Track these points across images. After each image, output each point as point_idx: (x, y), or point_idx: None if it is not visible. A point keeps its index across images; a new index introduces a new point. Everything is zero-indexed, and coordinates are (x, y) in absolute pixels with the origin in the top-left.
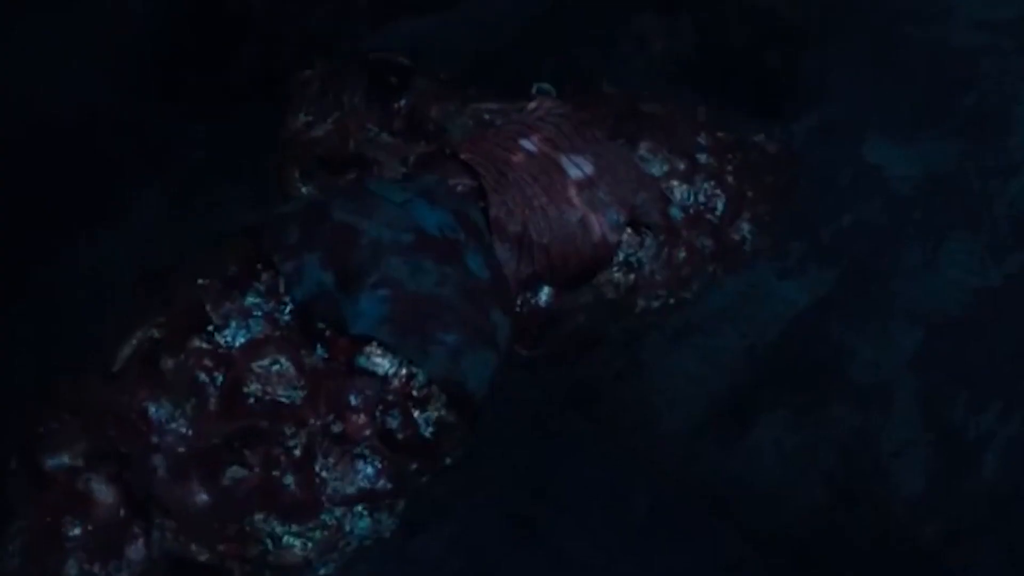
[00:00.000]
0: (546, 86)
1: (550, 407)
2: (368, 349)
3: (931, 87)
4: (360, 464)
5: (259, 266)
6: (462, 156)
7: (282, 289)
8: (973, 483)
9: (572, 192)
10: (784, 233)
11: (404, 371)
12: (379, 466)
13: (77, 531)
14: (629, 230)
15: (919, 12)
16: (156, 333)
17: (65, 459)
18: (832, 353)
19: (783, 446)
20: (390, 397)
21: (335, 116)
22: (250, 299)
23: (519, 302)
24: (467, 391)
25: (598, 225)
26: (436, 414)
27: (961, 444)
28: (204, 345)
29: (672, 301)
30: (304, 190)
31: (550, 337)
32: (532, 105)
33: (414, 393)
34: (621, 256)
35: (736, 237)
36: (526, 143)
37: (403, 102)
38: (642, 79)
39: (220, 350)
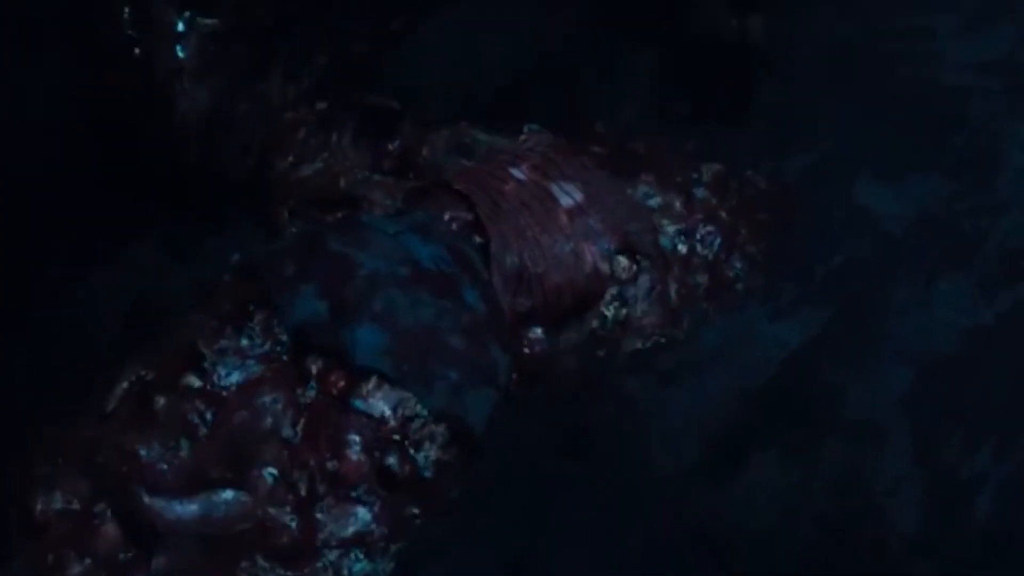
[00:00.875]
0: (536, 127)
1: (544, 449)
2: (366, 386)
3: (921, 127)
4: (358, 508)
5: (253, 305)
6: (456, 186)
7: (277, 326)
8: (967, 523)
9: (564, 221)
10: (776, 273)
11: (402, 410)
12: (376, 510)
13: (78, 569)
14: (623, 260)
15: (909, 53)
16: (148, 373)
17: (61, 502)
18: (825, 392)
19: (777, 486)
20: (389, 436)
21: (323, 157)
22: (244, 340)
23: (516, 341)
24: (468, 426)
25: (590, 255)
26: (435, 454)
27: (955, 483)
28: (197, 383)
29: (663, 340)
30: (294, 229)
31: (544, 378)
32: (522, 137)
33: (412, 432)
34: (614, 290)
35: (730, 274)
36: (516, 172)
37: (395, 143)
38: (634, 120)
39: (214, 389)
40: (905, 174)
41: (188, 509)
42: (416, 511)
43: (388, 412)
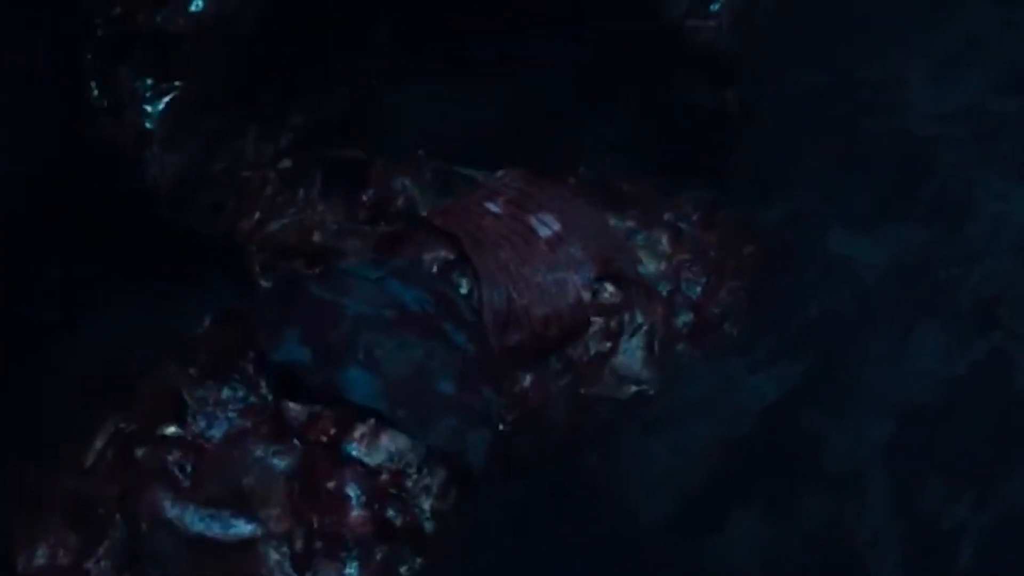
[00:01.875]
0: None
1: (527, 503)
2: (358, 431)
3: (894, 177)
4: (355, 564)
5: (233, 355)
6: (436, 223)
7: (259, 375)
8: (948, 572)
9: (544, 251)
10: (754, 325)
11: (400, 457)
12: (374, 566)
13: None
14: (608, 286)
15: (879, 104)
16: (127, 425)
17: (46, 557)
18: (804, 443)
19: (758, 537)
20: (387, 487)
21: (291, 212)
22: (226, 390)
23: (506, 379)
24: (468, 464)
25: (572, 284)
26: (435, 503)
27: (935, 533)
28: (178, 433)
29: (646, 381)
30: (265, 282)
31: (527, 434)
32: (499, 173)
33: (411, 481)
34: (600, 319)
35: (715, 312)
36: (492, 206)
37: (368, 193)
38: (616, 165)
39: (195, 439)
40: (879, 224)
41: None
42: (415, 562)
43: (384, 460)
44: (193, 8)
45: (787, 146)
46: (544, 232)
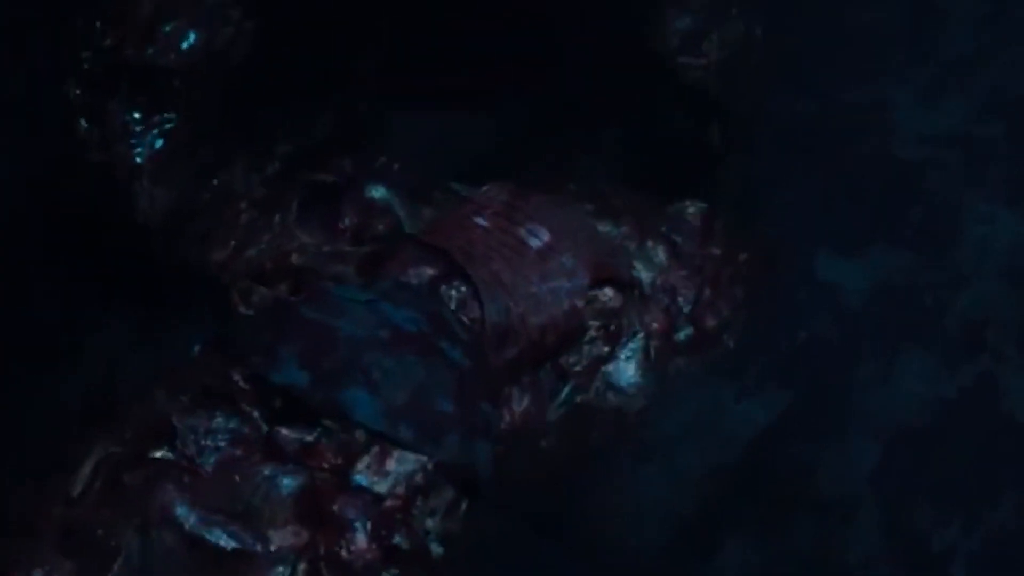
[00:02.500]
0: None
1: (517, 533)
2: (365, 460)
3: (879, 202)
4: None
5: (227, 380)
6: (424, 239)
7: (254, 401)
8: None
9: (535, 261)
10: (741, 352)
11: (407, 481)
12: None
13: None
14: (607, 291)
15: (863, 129)
16: (117, 450)
17: None
18: (793, 469)
19: (749, 562)
20: (394, 513)
21: (267, 237)
22: (219, 416)
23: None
24: (478, 477)
25: (566, 292)
26: (442, 525)
27: (926, 557)
28: (168, 456)
29: (642, 392)
30: (245, 309)
31: (516, 463)
32: (484, 188)
33: (418, 505)
34: (596, 322)
35: (713, 322)
36: (479, 220)
37: (347, 217)
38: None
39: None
40: (866, 249)
41: None
42: None
43: (391, 487)
44: (185, 43)
45: (773, 171)
46: (534, 243)
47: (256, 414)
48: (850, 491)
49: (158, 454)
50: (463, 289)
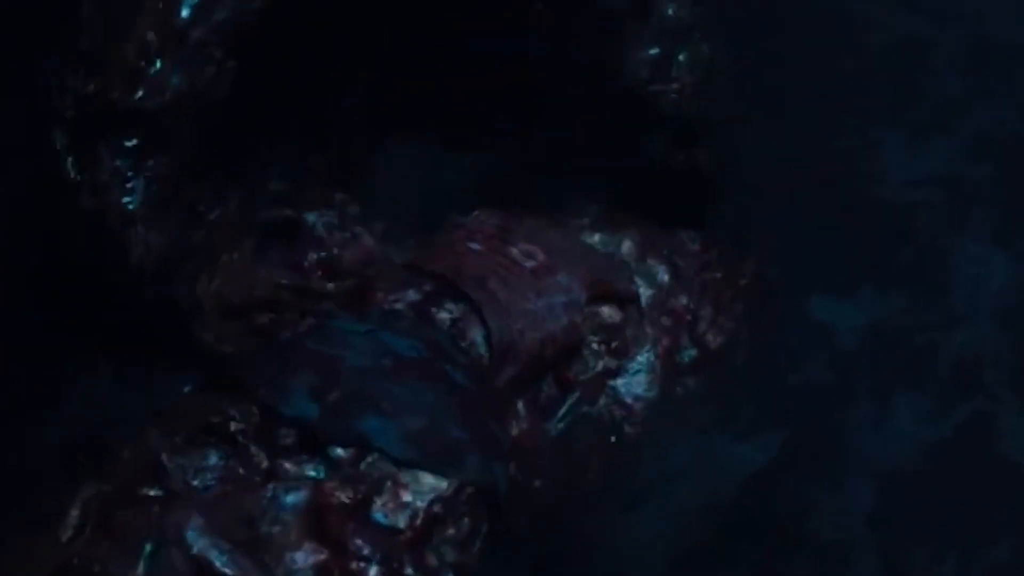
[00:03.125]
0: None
1: (515, 570)
2: (381, 500)
3: (870, 243)
4: None
5: (222, 417)
6: (416, 264)
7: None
8: None
9: (530, 280)
10: (734, 394)
11: (420, 518)
12: None
13: None
14: (606, 308)
15: (852, 171)
16: (107, 488)
17: None
18: (789, 510)
19: None
20: (405, 545)
21: (260, 275)
22: (212, 455)
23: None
24: (500, 494)
25: (562, 307)
26: (455, 556)
27: None
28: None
29: (647, 409)
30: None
31: (514, 509)
32: (475, 213)
33: (433, 537)
34: (596, 337)
35: (716, 343)
36: (472, 244)
37: (316, 254)
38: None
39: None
40: (857, 291)
41: None
42: None
43: (409, 521)
44: (170, 84)
45: (762, 213)
46: (528, 263)
47: (258, 449)
48: (846, 531)
49: (150, 492)
50: (455, 311)
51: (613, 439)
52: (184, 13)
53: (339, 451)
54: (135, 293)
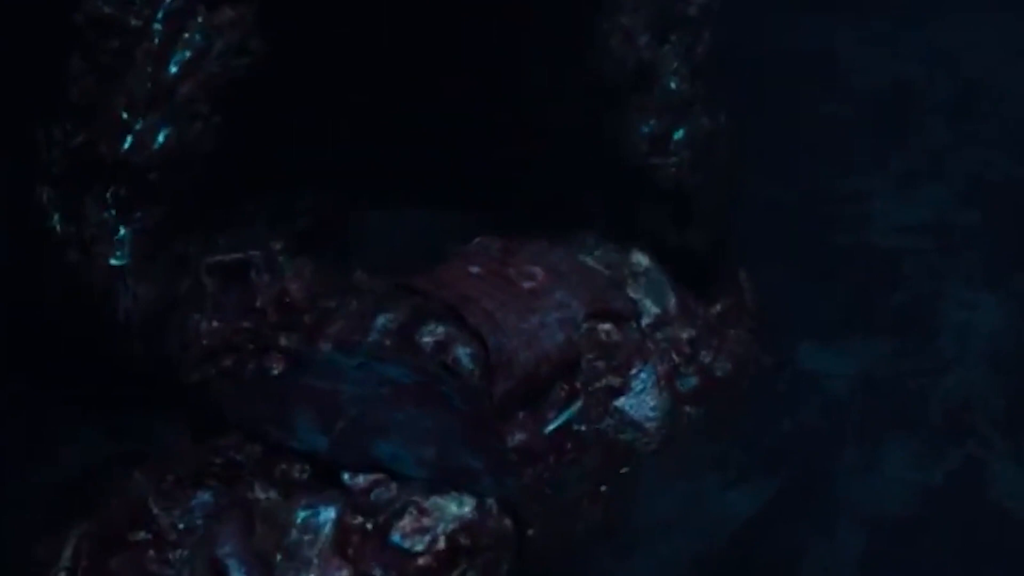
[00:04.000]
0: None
1: None
2: (401, 522)
3: (859, 290)
4: None
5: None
6: (418, 286)
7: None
8: None
9: (527, 298)
10: (726, 441)
11: (442, 543)
12: None
13: None
14: (604, 325)
15: (843, 218)
16: (96, 533)
17: None
18: (780, 557)
19: None
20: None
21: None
22: (205, 494)
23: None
24: (517, 504)
25: (559, 324)
26: None
27: None
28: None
29: (650, 428)
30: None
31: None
32: (476, 240)
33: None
34: (593, 354)
35: (719, 374)
36: (472, 268)
37: (262, 298)
38: None
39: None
40: (848, 337)
41: None
42: None
43: (429, 545)
44: (157, 138)
45: (754, 261)
46: (527, 283)
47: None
48: None
49: (138, 536)
50: (437, 333)
51: (604, 488)
52: (172, 69)
53: (358, 479)
54: (124, 347)
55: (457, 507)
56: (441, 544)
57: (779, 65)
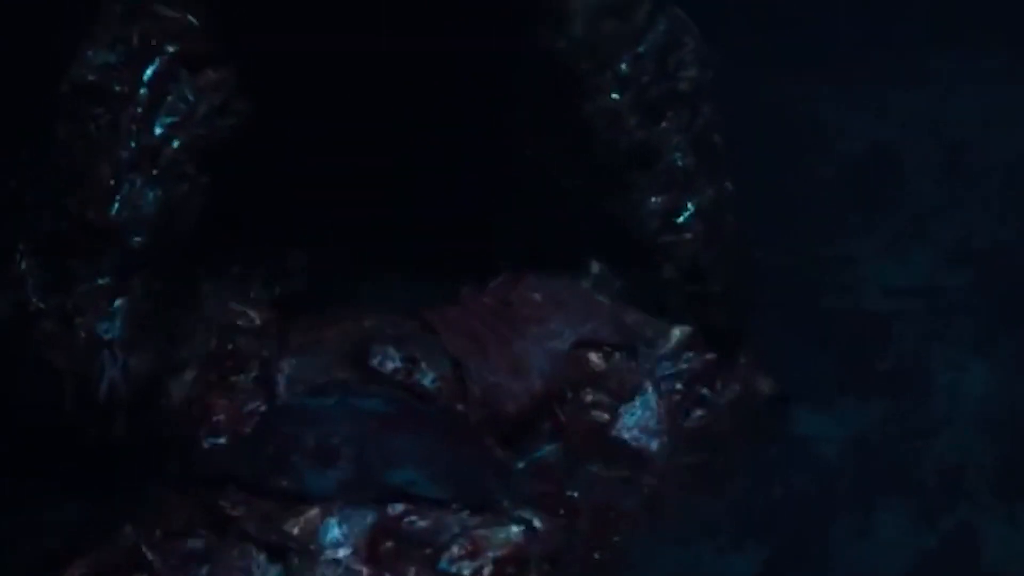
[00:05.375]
0: None
1: None
2: (453, 550)
3: (850, 353)
4: None
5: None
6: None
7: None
8: None
9: (520, 325)
10: (717, 509)
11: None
12: None
13: None
14: (593, 355)
15: (834, 282)
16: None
17: None
18: None
19: None
20: None
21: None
22: (195, 542)
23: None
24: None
25: (548, 353)
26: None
27: None
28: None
29: (647, 456)
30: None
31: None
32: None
33: None
34: (585, 384)
35: (709, 420)
36: (474, 300)
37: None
38: None
39: None
40: (837, 401)
41: None
42: None
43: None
44: (145, 202)
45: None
46: (524, 311)
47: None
48: None
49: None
50: (395, 359)
51: (597, 555)
52: (158, 131)
53: (388, 509)
54: (104, 425)
55: (505, 534)
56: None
57: (768, 129)
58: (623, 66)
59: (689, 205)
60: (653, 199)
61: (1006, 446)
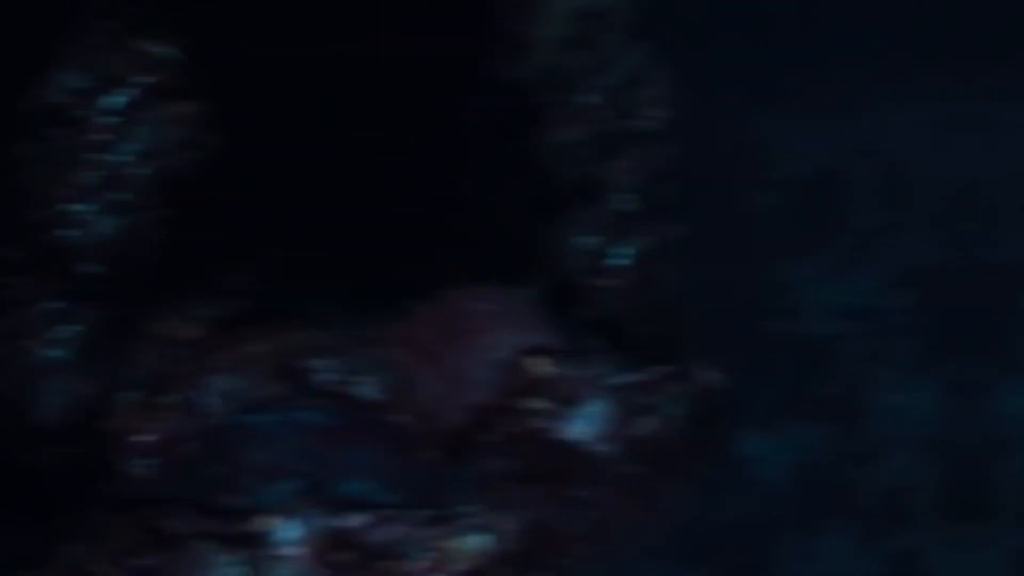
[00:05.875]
0: None
1: None
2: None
3: (792, 377)
4: None
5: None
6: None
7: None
8: None
9: (465, 338)
10: (660, 532)
11: None
12: None
13: None
14: (540, 361)
15: (775, 305)
16: None
17: None
18: None
19: None
20: None
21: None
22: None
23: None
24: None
25: (497, 362)
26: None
27: None
28: None
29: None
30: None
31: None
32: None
33: None
34: (534, 390)
35: (660, 436)
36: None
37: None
38: None
39: None
40: (781, 425)
41: None
42: None
43: None
44: (102, 229)
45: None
46: (469, 321)
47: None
48: None
49: None
50: (324, 370)
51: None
52: (122, 159)
53: (353, 519)
54: (39, 449)
55: (477, 541)
56: None
57: (712, 150)
58: (583, 99)
59: (625, 250)
60: (586, 238)
61: (950, 468)
